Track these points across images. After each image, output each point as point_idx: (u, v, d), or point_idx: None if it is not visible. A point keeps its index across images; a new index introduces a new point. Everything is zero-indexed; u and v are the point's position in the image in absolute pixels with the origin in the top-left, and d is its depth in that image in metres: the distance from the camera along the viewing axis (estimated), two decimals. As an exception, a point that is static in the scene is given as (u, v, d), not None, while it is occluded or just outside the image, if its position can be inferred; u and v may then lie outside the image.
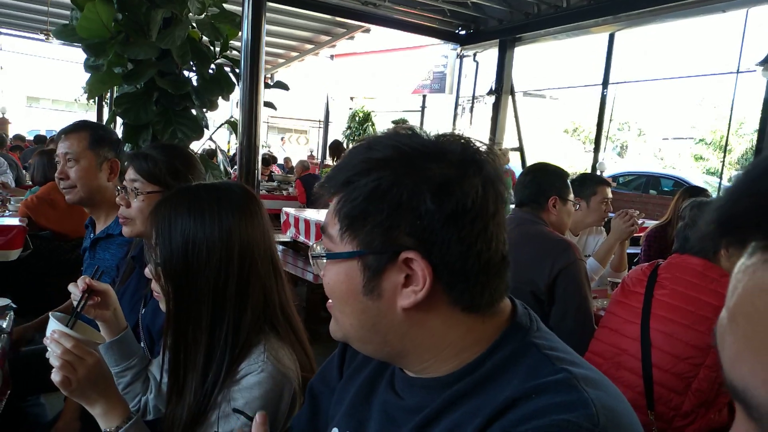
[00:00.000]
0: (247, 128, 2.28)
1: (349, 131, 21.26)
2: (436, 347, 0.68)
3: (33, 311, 3.25)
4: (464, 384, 0.66)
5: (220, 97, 3.83)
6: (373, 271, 0.66)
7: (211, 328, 1.04)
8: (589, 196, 2.84)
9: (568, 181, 2.29)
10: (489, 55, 9.36)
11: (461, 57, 10.72)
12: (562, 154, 22.43)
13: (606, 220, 3.00)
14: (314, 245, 0.73)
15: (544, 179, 2.22)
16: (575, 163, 20.83)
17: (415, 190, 0.62)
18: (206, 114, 3.83)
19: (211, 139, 4.24)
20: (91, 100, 3.50)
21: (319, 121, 21.05)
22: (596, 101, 8.95)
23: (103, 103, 8.12)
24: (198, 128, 3.71)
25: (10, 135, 11.85)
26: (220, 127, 3.78)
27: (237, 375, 1.02)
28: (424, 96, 16.43)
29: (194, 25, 3.63)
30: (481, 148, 0.69)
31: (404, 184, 0.63)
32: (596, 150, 8.95)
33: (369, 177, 0.64)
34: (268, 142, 18.31)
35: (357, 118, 20.70)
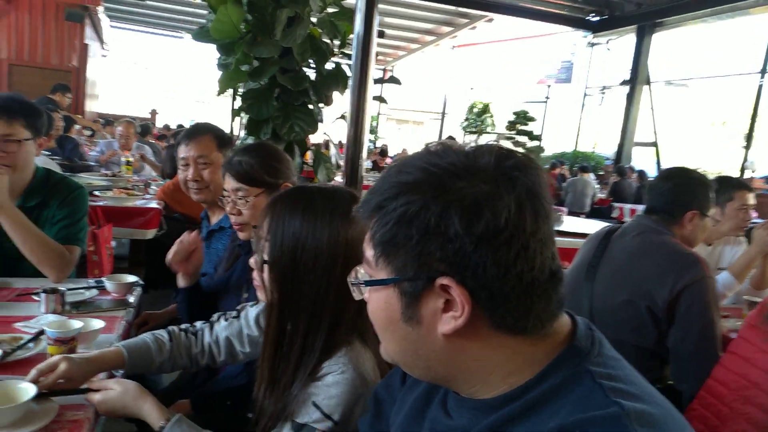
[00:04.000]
0: (355, 122, 2.35)
1: (466, 122, 20.99)
2: (482, 372, 0.66)
3: (163, 284, 3.66)
4: (511, 409, 0.63)
5: (335, 92, 3.99)
6: (410, 297, 0.64)
7: (306, 330, 1.08)
8: (725, 202, 2.53)
9: (711, 192, 2.02)
10: (623, 43, 8.69)
11: (592, 45, 10.07)
12: (708, 150, 20.23)
13: (747, 228, 2.67)
14: (356, 270, 0.73)
15: (686, 189, 1.97)
16: (722, 160, 18.69)
17: (442, 214, 0.60)
18: (322, 108, 4.01)
19: (324, 133, 4.43)
20: (221, 95, 3.80)
21: (437, 113, 21.03)
22: (751, 92, 7.94)
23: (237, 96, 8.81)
24: (313, 122, 3.89)
25: (159, 125, 13.33)
26: (335, 121, 3.93)
27: (319, 372, 1.07)
28: (549, 86, 15.71)
29: (314, 22, 3.80)
30: (520, 160, 0.64)
31: (431, 207, 0.60)
32: (748, 147, 7.96)
33: (398, 201, 0.62)
34: (383, 134, 18.69)
35: (475, 110, 20.38)
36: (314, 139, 5.82)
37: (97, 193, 3.84)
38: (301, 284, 1.07)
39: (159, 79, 23.82)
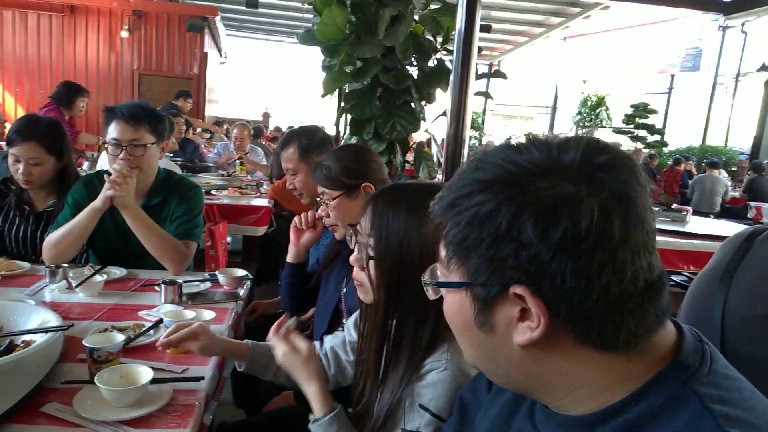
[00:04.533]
0: (455, 119, 2.31)
1: (579, 117, 19.99)
2: (568, 385, 0.61)
3: (273, 278, 3.87)
4: (605, 429, 0.58)
5: (438, 89, 3.98)
6: (482, 303, 0.60)
7: (415, 326, 1.09)
8: None
9: None
10: (761, 24, 7.78)
11: (724, 28, 9.14)
12: None
13: None
14: (431, 269, 0.70)
15: None
16: None
17: (515, 218, 0.55)
18: (424, 106, 4.01)
19: (426, 131, 4.42)
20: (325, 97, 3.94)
21: (547, 107, 20.23)
22: None
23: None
24: (415, 121, 3.90)
25: (271, 127, 14.12)
26: (437, 118, 3.91)
27: (422, 370, 1.07)
28: (672, 76, 14.50)
29: (417, 20, 3.81)
30: (612, 156, 0.58)
31: (504, 210, 0.56)
32: None
33: (471, 200, 0.59)
34: (489, 130, 18.34)
35: (589, 103, 19.34)
36: (417, 137, 5.88)
37: (213, 192, 4.14)
38: (409, 279, 1.07)
39: (271, 82, 25.29)
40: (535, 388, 0.64)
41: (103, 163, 2.96)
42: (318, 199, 1.78)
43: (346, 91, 4.02)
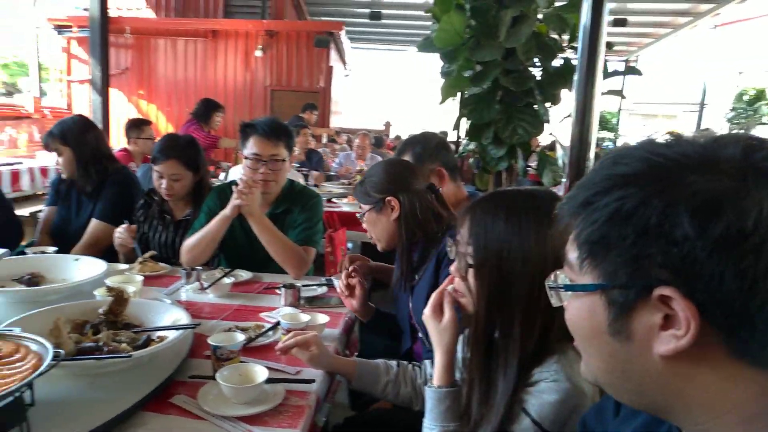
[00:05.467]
0: (580, 120, 2.18)
1: (733, 113, 17.93)
2: (713, 409, 0.54)
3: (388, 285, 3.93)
4: None
5: (564, 90, 3.80)
6: (619, 308, 0.56)
7: (520, 335, 1.05)
8: None
9: None
10: None
11: None
12: None
13: None
14: (555, 274, 0.66)
15: None
16: None
17: (667, 211, 0.51)
18: (548, 108, 3.85)
19: (551, 134, 4.23)
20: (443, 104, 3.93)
21: (693, 104, 18.43)
22: None
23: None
24: (538, 123, 3.76)
25: (392, 135, 14.44)
26: (563, 120, 3.73)
27: (530, 379, 1.02)
28: None
29: (540, 19, 3.68)
30: None
31: (653, 203, 0.52)
32: None
33: (611, 196, 0.55)
34: (625, 131, 17.08)
35: (745, 97, 17.28)
36: (542, 141, 5.64)
37: (335, 200, 4.32)
38: (510, 287, 1.04)
39: (393, 92, 25.92)
40: (673, 409, 0.58)
41: (236, 173, 3.21)
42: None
43: (466, 96, 3.99)
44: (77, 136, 2.51)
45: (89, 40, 8.30)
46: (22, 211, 4.06)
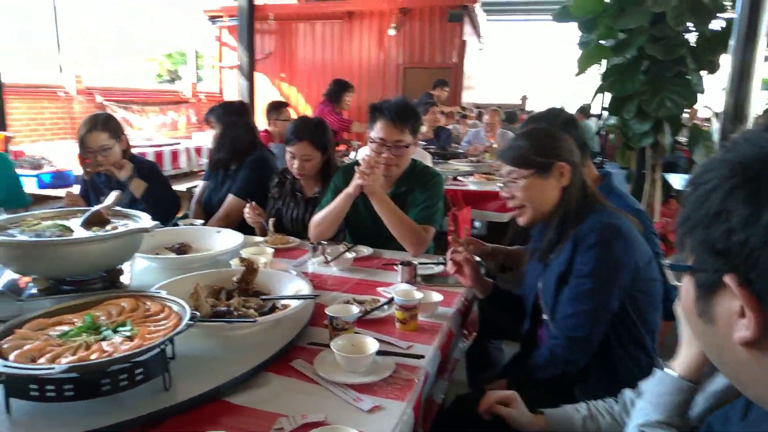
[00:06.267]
0: (735, 89, 1.92)
1: None
2: None
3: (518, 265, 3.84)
4: None
5: (723, 56, 3.37)
6: (703, 289, 0.57)
7: None
8: None
9: None
10: None
11: None
12: None
13: None
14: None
15: None
16: None
17: (727, 197, 0.51)
18: (703, 77, 3.45)
19: (705, 105, 3.79)
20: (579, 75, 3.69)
21: None
22: None
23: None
24: (691, 94, 3.39)
25: (528, 109, 13.90)
26: (723, 90, 3.33)
27: None
28: None
29: (696, -24, 3.29)
30: None
31: (721, 188, 0.52)
32: None
33: (702, 178, 0.56)
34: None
35: None
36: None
37: (460, 178, 4.30)
38: None
39: (530, 64, 24.84)
40: None
41: (364, 153, 3.32)
42: (500, 184, 1.74)
43: (606, 67, 3.71)
44: (229, 117, 2.84)
45: (238, 28, 9.05)
46: (179, 187, 4.57)
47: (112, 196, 1.63)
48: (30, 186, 4.61)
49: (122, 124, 7.26)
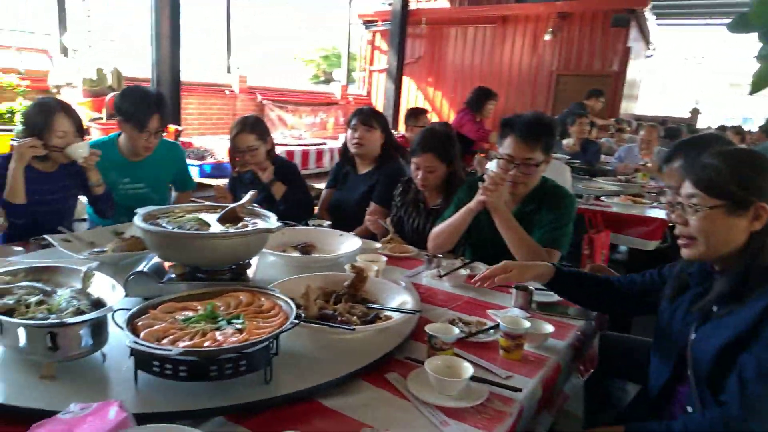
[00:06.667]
0: None
1: None
2: None
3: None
4: None
5: None
6: None
7: None
8: None
9: None
10: None
11: None
12: None
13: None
14: None
15: None
16: None
17: None
18: None
19: None
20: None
21: None
22: None
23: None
24: None
25: (701, 125, 12.61)
26: None
27: None
28: None
29: None
30: None
31: None
32: None
33: None
34: None
35: None
36: None
37: (603, 198, 4.05)
38: None
39: (704, 73, 22.44)
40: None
41: (492, 167, 3.28)
42: (674, 203, 1.50)
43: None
44: (387, 122, 3.03)
45: (389, 32, 9.39)
46: (321, 184, 4.88)
47: (248, 195, 1.81)
48: (193, 174, 5.22)
49: (277, 122, 7.88)
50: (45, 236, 2.02)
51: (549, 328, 1.59)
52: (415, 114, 4.78)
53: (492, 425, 1.17)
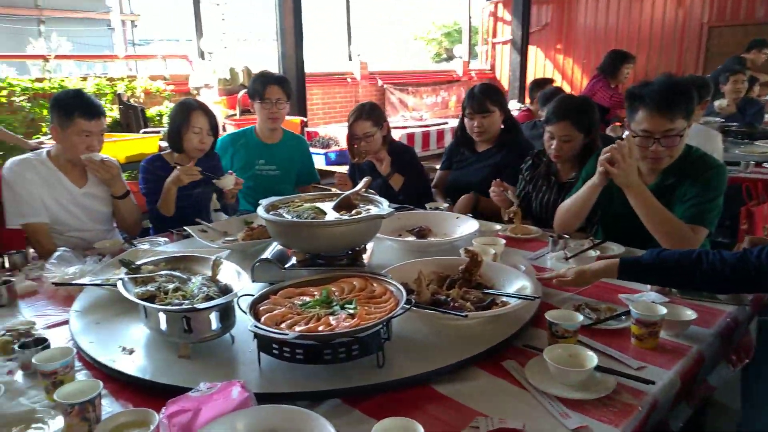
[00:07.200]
0: None
1: None
2: None
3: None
4: None
5: None
6: None
7: None
8: None
9: None
10: None
11: None
12: None
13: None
14: None
15: None
16: None
17: None
18: None
19: None
20: None
21: None
22: None
23: None
24: None
25: None
26: None
27: None
28: None
29: None
30: None
31: None
32: None
33: None
34: None
35: None
36: None
37: (766, 164, 3.58)
38: None
39: None
40: None
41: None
42: None
43: None
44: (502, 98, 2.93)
45: (513, 0, 9.03)
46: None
47: (362, 182, 1.86)
48: (319, 162, 5.47)
49: (398, 105, 7.94)
50: (185, 227, 2.24)
51: (691, 314, 1.45)
52: (540, 84, 4.57)
53: (619, 419, 1.09)
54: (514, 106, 7.48)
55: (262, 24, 8.19)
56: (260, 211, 1.69)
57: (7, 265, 2.07)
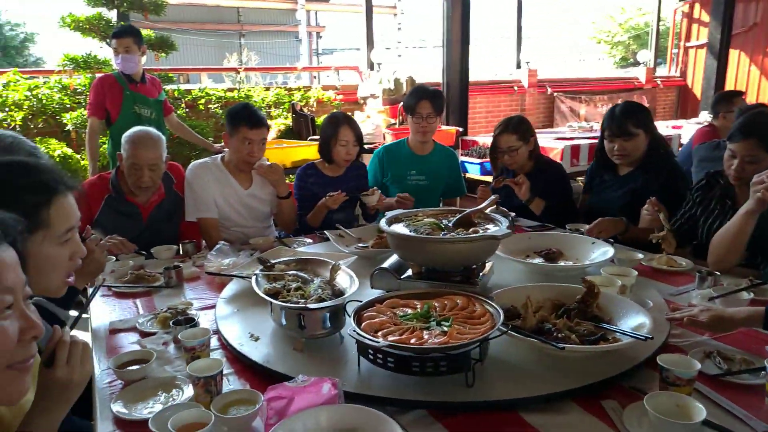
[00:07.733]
0: None
1: None
2: None
3: None
4: None
5: None
6: None
7: None
8: None
9: None
10: None
11: None
12: None
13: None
14: None
15: None
16: None
17: None
18: None
19: None
20: None
21: None
22: None
23: None
24: None
25: None
26: None
27: None
28: None
29: None
30: None
31: None
32: None
33: None
34: None
35: None
36: None
37: None
38: None
39: None
40: None
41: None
42: None
43: None
44: (649, 119, 2.67)
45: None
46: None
47: (487, 201, 1.88)
48: (473, 171, 5.51)
49: (568, 114, 7.70)
50: (325, 231, 2.47)
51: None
52: (728, 98, 4.11)
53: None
54: (703, 119, 6.78)
55: (435, 31, 8.45)
56: (382, 223, 1.81)
57: (181, 252, 2.47)
